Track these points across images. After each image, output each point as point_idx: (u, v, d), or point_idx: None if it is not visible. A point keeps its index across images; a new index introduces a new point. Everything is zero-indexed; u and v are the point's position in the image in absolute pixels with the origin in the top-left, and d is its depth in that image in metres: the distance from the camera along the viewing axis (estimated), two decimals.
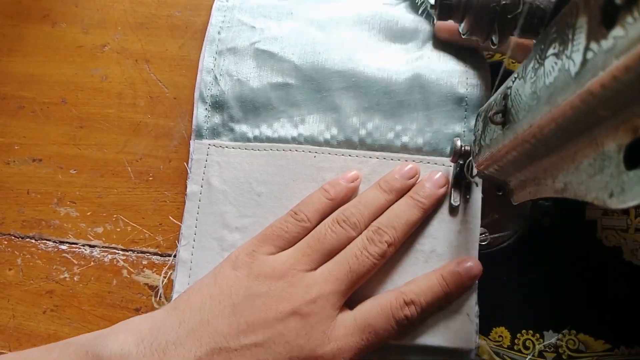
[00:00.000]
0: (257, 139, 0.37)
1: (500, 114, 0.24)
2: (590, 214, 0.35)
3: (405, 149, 0.35)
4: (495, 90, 0.27)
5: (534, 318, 0.34)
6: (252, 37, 0.39)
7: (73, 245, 0.38)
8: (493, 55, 0.38)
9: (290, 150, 0.36)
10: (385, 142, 0.36)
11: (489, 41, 0.28)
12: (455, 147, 0.31)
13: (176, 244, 0.36)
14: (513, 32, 0.25)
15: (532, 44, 0.22)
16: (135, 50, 0.41)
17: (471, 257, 0.33)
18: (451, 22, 0.30)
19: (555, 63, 0.19)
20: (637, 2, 0.13)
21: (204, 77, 0.38)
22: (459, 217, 0.34)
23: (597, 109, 0.16)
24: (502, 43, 0.27)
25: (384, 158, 0.35)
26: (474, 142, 0.30)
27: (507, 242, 0.35)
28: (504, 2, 0.25)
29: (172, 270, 0.36)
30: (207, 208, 0.36)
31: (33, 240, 0.38)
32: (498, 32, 0.26)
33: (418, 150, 0.35)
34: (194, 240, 0.36)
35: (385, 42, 0.38)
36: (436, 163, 0.35)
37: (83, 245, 0.37)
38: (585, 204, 0.34)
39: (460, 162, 0.32)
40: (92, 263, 0.37)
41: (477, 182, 0.34)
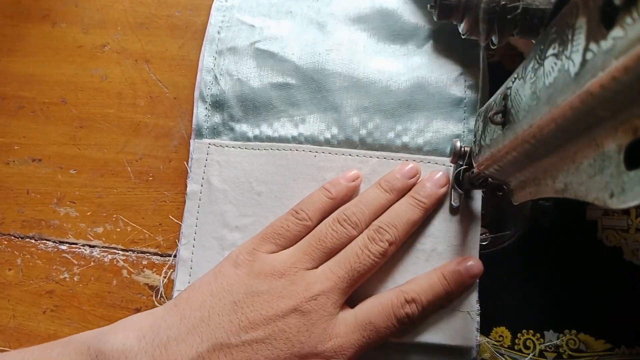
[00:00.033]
0: (257, 138, 0.37)
1: (500, 114, 0.24)
2: (591, 214, 0.35)
3: (405, 148, 0.35)
4: (495, 91, 0.27)
5: (534, 318, 0.34)
6: (251, 36, 0.39)
7: (73, 246, 0.38)
8: (493, 55, 0.38)
9: (291, 149, 0.36)
10: (386, 141, 0.36)
11: (489, 41, 0.28)
12: (454, 148, 0.31)
13: (176, 243, 0.36)
14: (513, 32, 0.25)
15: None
16: (135, 50, 0.41)
17: (472, 256, 0.33)
18: None
19: (555, 63, 0.18)
20: (637, 3, 0.13)
21: (203, 76, 0.38)
22: (460, 216, 0.34)
23: (596, 109, 0.16)
24: (501, 43, 0.27)
25: (384, 158, 0.35)
26: (474, 143, 0.30)
27: (507, 242, 0.35)
28: (503, 3, 0.25)
29: (172, 270, 0.36)
30: (207, 207, 0.36)
31: (33, 241, 0.38)
32: (498, 32, 0.26)
33: (418, 150, 0.35)
34: (194, 240, 0.36)
35: (385, 41, 0.38)
36: (437, 163, 0.35)
37: (83, 246, 0.37)
38: (585, 204, 0.34)
39: (460, 163, 0.32)
40: (92, 263, 0.37)
41: (473, 195, 0.34)
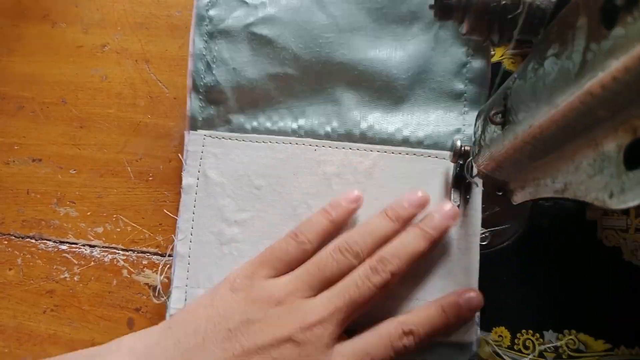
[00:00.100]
0: (255, 130, 0.36)
1: (500, 114, 0.24)
2: (591, 214, 0.35)
3: (406, 142, 0.35)
4: (495, 90, 0.27)
5: (534, 318, 0.34)
6: (245, 16, 0.36)
7: (73, 245, 0.38)
8: (493, 55, 0.38)
9: (291, 143, 0.36)
10: (386, 135, 0.35)
11: (490, 41, 0.28)
12: (455, 147, 0.31)
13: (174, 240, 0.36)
14: (513, 33, 0.25)
15: None
16: (135, 50, 0.41)
17: (473, 288, 0.32)
18: None
19: (555, 63, 0.19)
20: (637, 3, 0.13)
21: (196, 64, 0.37)
22: (459, 217, 0.34)
23: (596, 109, 0.16)
24: (502, 43, 0.27)
25: (385, 152, 0.35)
26: (474, 142, 0.30)
27: (507, 242, 0.35)
28: (504, 2, 0.25)
29: (168, 266, 0.36)
30: (204, 201, 0.35)
31: (33, 240, 0.38)
32: (498, 32, 0.26)
33: (419, 143, 0.35)
34: (191, 234, 0.35)
35: (389, 24, 0.36)
36: (437, 157, 0.35)
37: (83, 245, 0.37)
38: (585, 204, 0.34)
39: (460, 162, 0.32)
40: (92, 263, 0.37)
41: (477, 183, 0.34)
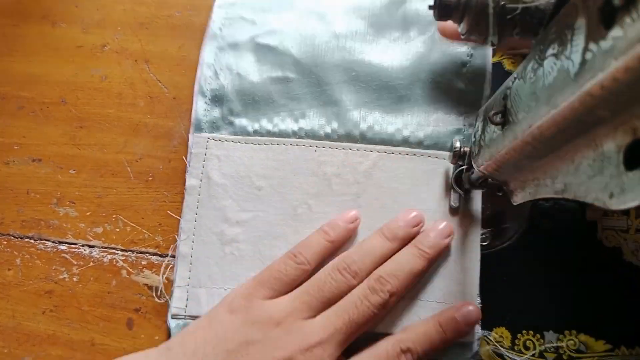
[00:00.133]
0: (257, 132, 0.37)
1: (499, 114, 0.24)
2: (591, 214, 0.35)
3: (406, 142, 0.35)
4: (495, 90, 0.27)
5: (534, 318, 0.34)
6: (252, 31, 0.39)
7: (72, 246, 0.37)
8: (493, 54, 0.38)
9: (291, 144, 0.36)
10: (387, 135, 0.36)
11: (489, 41, 0.28)
12: (454, 148, 0.31)
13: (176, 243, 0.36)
14: (512, 33, 0.25)
15: None
16: (135, 51, 0.41)
17: (470, 302, 0.32)
18: (451, 23, 0.30)
19: (555, 64, 0.18)
20: (636, 3, 0.13)
21: (204, 71, 0.38)
22: (460, 217, 0.34)
23: (596, 109, 0.16)
24: (501, 43, 0.27)
25: (385, 152, 0.36)
26: (474, 143, 0.30)
27: (507, 242, 0.35)
28: (503, 3, 0.25)
29: (169, 268, 0.36)
30: (206, 202, 0.36)
31: (32, 241, 0.38)
32: (497, 32, 0.26)
33: (419, 144, 0.35)
34: (193, 235, 0.36)
35: (386, 29, 0.38)
36: (437, 157, 0.35)
37: (82, 246, 0.37)
38: (585, 204, 0.34)
39: (460, 164, 0.32)
40: (91, 263, 0.37)
41: (473, 194, 0.34)
